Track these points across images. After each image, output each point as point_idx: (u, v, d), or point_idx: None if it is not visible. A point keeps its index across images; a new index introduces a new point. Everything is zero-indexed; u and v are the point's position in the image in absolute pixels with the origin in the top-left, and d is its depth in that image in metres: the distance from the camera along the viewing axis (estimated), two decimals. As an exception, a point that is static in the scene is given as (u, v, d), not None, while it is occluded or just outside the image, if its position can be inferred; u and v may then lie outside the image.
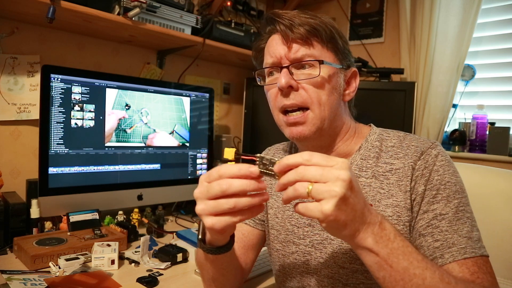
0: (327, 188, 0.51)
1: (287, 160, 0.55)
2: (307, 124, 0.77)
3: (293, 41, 0.77)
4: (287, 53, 0.77)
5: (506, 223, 0.98)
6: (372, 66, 2.08)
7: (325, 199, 0.52)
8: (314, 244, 0.82)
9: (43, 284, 0.93)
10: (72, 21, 1.34)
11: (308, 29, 0.76)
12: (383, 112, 1.82)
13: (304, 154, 0.54)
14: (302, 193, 0.53)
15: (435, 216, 0.71)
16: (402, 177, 0.76)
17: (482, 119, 1.80)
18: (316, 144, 0.82)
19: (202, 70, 2.04)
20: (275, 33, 0.80)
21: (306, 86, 0.77)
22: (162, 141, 1.59)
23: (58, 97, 1.28)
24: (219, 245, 0.71)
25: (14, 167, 1.39)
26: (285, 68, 0.77)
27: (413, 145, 0.79)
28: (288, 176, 0.55)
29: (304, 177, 0.53)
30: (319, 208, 0.52)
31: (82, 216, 1.28)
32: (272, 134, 1.53)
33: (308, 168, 0.53)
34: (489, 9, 1.86)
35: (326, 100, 0.77)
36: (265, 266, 1.16)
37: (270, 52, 0.80)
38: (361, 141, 0.84)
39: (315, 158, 0.54)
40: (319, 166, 0.53)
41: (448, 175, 0.74)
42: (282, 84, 0.75)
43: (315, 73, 0.76)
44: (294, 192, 0.54)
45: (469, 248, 0.67)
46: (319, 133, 0.78)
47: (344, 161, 0.54)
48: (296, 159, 0.54)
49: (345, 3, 2.29)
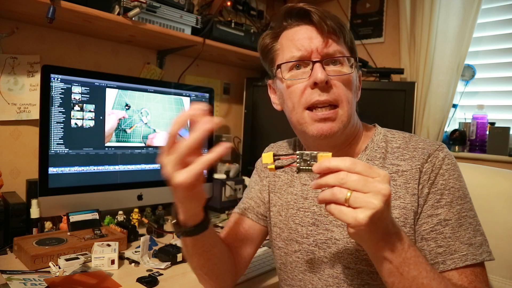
0: (366, 199, 0.52)
1: (329, 163, 0.55)
2: (337, 121, 0.75)
3: (328, 34, 0.75)
4: (320, 46, 0.75)
5: (506, 223, 0.98)
6: (372, 66, 2.08)
7: (362, 208, 0.52)
8: (318, 244, 0.82)
9: (43, 284, 0.93)
10: (72, 21, 1.34)
11: (338, 25, 0.75)
12: (383, 112, 1.82)
13: (346, 160, 0.54)
14: (339, 198, 0.53)
15: (439, 221, 0.72)
16: (409, 179, 0.76)
17: (482, 119, 1.80)
18: (333, 143, 0.80)
19: (202, 70, 2.04)
20: (299, 25, 0.77)
21: (337, 83, 0.75)
22: (162, 141, 1.58)
23: (58, 97, 1.28)
24: (195, 223, 0.71)
25: (14, 167, 1.39)
26: (319, 63, 0.74)
27: (420, 147, 0.78)
28: (328, 180, 0.55)
29: (345, 184, 0.53)
30: (354, 215, 0.52)
31: (82, 216, 1.28)
32: (272, 134, 1.53)
33: (350, 175, 0.53)
34: (489, 9, 1.86)
35: (351, 98, 0.77)
36: (266, 266, 1.16)
37: (298, 45, 0.76)
38: (367, 141, 0.84)
39: (358, 167, 0.53)
40: (361, 176, 0.53)
41: (452, 180, 0.74)
42: (322, 78, 0.72)
43: (345, 70, 0.76)
44: (331, 196, 0.54)
45: (470, 255, 0.69)
46: (343, 131, 0.77)
47: (386, 175, 0.54)
48: (338, 164, 0.54)
49: (345, 3, 2.29)
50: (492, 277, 0.99)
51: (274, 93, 0.88)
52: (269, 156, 0.59)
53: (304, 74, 0.76)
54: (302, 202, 0.87)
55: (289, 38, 0.78)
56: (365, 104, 1.85)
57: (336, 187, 0.53)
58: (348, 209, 0.53)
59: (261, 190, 0.96)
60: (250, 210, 0.94)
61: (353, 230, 0.54)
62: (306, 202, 0.86)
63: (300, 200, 0.87)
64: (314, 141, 0.80)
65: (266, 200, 0.95)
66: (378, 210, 0.51)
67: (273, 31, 0.82)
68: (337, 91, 0.75)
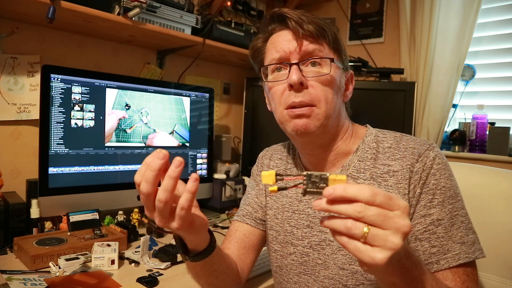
0: (386, 238, 0.46)
1: (345, 191, 0.46)
2: (312, 118, 0.76)
3: (303, 37, 0.76)
4: (296, 49, 0.76)
5: (506, 223, 0.98)
6: (372, 66, 2.08)
7: (380, 247, 0.46)
8: (312, 245, 0.82)
9: (43, 284, 0.93)
10: (72, 21, 1.34)
11: (316, 27, 0.76)
12: (383, 112, 1.82)
13: (365, 189, 0.46)
14: (355, 234, 0.46)
15: (432, 221, 0.72)
16: (400, 179, 0.76)
17: (482, 119, 1.80)
18: (317, 142, 0.81)
19: (202, 70, 2.04)
20: (281, 30, 0.80)
21: (314, 84, 0.76)
22: (162, 141, 1.59)
23: (58, 97, 1.28)
24: (202, 249, 0.72)
25: (14, 167, 1.39)
26: (295, 65, 0.76)
27: (411, 146, 0.78)
28: (341, 209, 0.47)
29: (363, 218, 0.46)
30: (371, 255, 0.46)
31: (82, 216, 1.28)
32: (272, 134, 1.53)
33: (368, 208, 0.46)
34: (489, 9, 1.86)
35: (331, 98, 0.77)
36: (265, 266, 1.16)
37: (277, 48, 0.79)
38: (358, 142, 0.84)
39: (378, 199, 0.46)
40: (381, 209, 0.46)
41: (443, 180, 0.74)
42: (295, 80, 0.74)
43: (324, 71, 0.76)
44: (346, 230, 0.47)
45: (462, 253, 0.70)
46: (322, 130, 0.78)
47: (406, 206, 0.48)
48: (356, 194, 0.46)
49: (345, 3, 2.29)
50: (492, 277, 0.99)
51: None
52: (270, 176, 0.51)
53: (283, 76, 0.78)
54: (297, 204, 0.87)
55: (272, 41, 0.82)
56: (365, 104, 1.86)
57: (351, 220, 0.46)
58: (365, 247, 0.46)
59: (257, 195, 0.97)
60: (248, 216, 0.96)
61: (368, 268, 0.49)
62: (301, 204, 0.87)
63: (295, 202, 0.88)
64: (297, 139, 0.82)
65: (263, 204, 0.96)
66: (398, 249, 0.46)
67: (263, 35, 0.85)
68: (314, 92, 0.76)
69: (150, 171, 0.56)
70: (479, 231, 0.76)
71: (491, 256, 0.96)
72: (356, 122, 0.90)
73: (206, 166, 1.76)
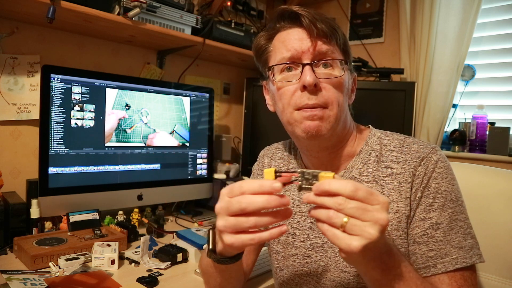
0: (363, 228, 0.50)
1: (329, 186, 0.52)
2: (324, 121, 0.74)
3: (317, 37, 0.74)
4: (310, 49, 0.74)
5: (506, 223, 0.98)
6: (372, 66, 2.08)
7: (358, 236, 0.50)
8: (314, 247, 0.82)
9: (43, 284, 0.93)
10: (72, 21, 1.34)
11: (329, 28, 0.75)
12: (383, 112, 1.82)
13: (348, 184, 0.51)
14: (335, 223, 0.51)
15: (431, 225, 0.72)
16: (402, 182, 0.75)
17: (482, 119, 1.80)
18: (323, 145, 0.80)
19: (202, 70, 2.04)
20: (291, 28, 0.77)
21: (327, 86, 0.74)
22: (162, 141, 1.59)
23: (58, 97, 1.28)
24: (230, 255, 0.70)
25: (14, 167, 1.39)
26: (309, 65, 0.73)
27: (414, 149, 0.78)
28: (324, 201, 0.52)
29: (343, 210, 0.51)
30: (348, 242, 0.50)
31: (82, 216, 1.28)
32: (272, 134, 1.53)
33: (349, 202, 0.51)
34: (489, 9, 1.86)
35: (342, 101, 0.76)
36: (265, 266, 1.16)
37: (288, 46, 0.75)
38: (361, 143, 0.83)
39: (359, 194, 0.51)
40: (360, 203, 0.51)
41: (445, 183, 0.74)
42: (310, 82, 0.71)
43: (336, 73, 0.75)
44: (327, 218, 0.52)
45: (460, 258, 0.70)
46: (332, 133, 0.76)
47: (385, 202, 0.52)
48: (338, 188, 0.51)
49: (345, 3, 2.29)
50: (492, 277, 0.99)
51: (268, 94, 0.88)
52: (271, 173, 0.57)
53: (294, 77, 0.75)
54: (299, 206, 0.87)
55: (280, 40, 0.78)
56: (365, 104, 1.86)
57: (333, 210, 0.51)
58: (343, 235, 0.51)
59: None
60: None
61: (345, 255, 0.53)
62: (303, 206, 0.86)
63: (297, 204, 0.87)
64: (304, 141, 0.80)
65: None
66: (374, 240, 0.50)
67: (267, 33, 0.82)
68: (326, 94, 0.74)
69: (257, 188, 0.55)
70: (479, 231, 0.76)
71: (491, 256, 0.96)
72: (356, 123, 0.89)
73: (206, 166, 1.76)
